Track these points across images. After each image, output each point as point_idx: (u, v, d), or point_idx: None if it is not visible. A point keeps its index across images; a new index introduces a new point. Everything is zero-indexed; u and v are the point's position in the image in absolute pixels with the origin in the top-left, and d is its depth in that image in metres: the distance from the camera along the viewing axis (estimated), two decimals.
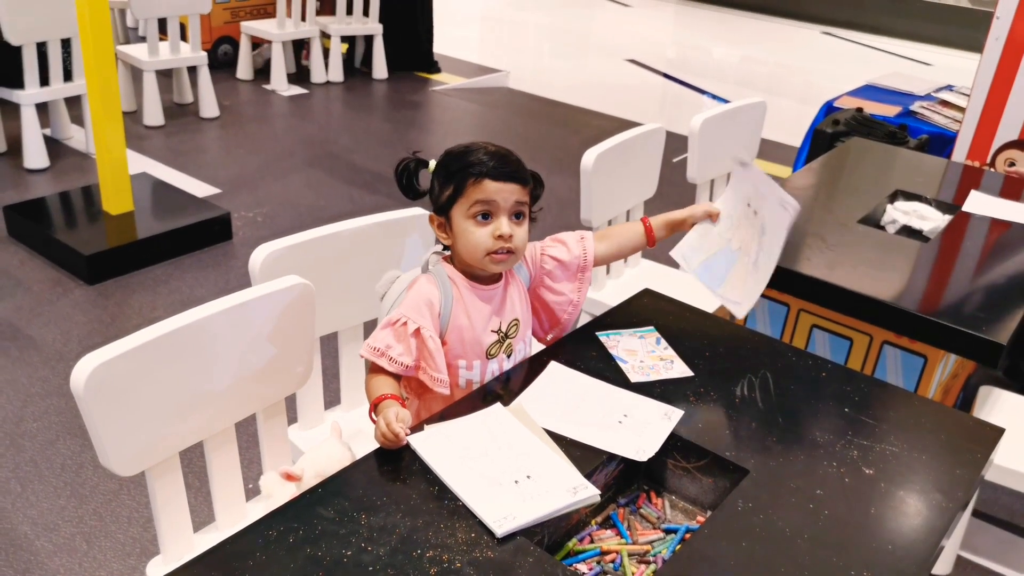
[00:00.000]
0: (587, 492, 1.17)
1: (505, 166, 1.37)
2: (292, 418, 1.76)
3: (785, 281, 1.97)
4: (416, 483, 1.18)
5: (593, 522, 1.28)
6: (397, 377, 1.38)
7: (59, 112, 4.35)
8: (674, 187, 3.67)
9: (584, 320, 1.63)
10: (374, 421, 1.28)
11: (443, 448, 1.23)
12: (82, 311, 2.90)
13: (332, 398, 1.87)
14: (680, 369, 1.50)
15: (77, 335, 2.75)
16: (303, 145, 4.69)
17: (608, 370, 1.48)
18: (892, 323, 1.85)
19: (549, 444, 1.27)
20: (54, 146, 4.27)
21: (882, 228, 2.32)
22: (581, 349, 1.54)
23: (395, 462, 1.22)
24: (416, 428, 1.27)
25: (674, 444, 1.32)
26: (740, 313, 1.51)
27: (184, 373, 1.34)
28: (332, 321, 1.73)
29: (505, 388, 1.42)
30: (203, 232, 3.40)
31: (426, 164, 1.44)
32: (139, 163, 4.16)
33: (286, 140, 4.76)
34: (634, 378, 1.46)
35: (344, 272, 1.68)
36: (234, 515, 1.51)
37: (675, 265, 1.61)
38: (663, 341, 1.57)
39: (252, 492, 1.53)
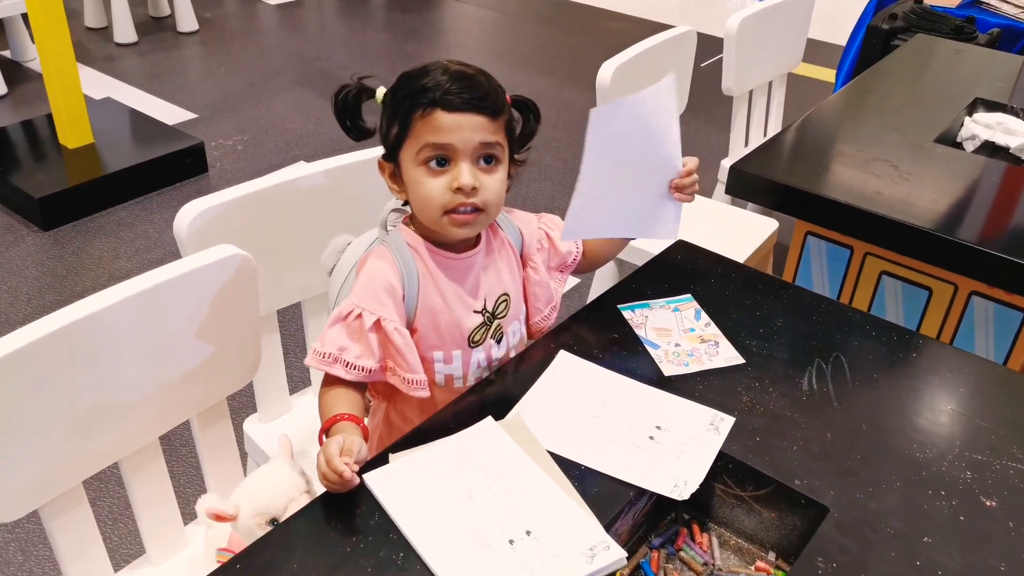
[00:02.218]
0: (609, 556, 0.85)
1: (465, 90, 0.99)
2: (252, 407, 1.46)
3: (847, 219, 1.60)
4: (374, 547, 0.86)
5: (619, 574, 0.97)
6: (361, 385, 1.06)
7: (18, 31, 3.93)
8: (706, 100, 3.25)
9: (602, 287, 1.29)
10: None
11: (412, 491, 0.91)
12: (34, 262, 2.57)
13: (301, 377, 1.55)
14: (727, 354, 1.16)
15: (27, 292, 2.43)
16: (292, 62, 4.26)
17: (634, 359, 1.14)
18: (982, 271, 1.49)
19: (557, 478, 0.94)
20: (14, 69, 3.88)
21: (959, 146, 1.93)
22: (599, 330, 1.19)
23: (347, 513, 0.90)
24: (378, 459, 0.95)
25: (723, 465, 1.00)
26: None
27: (80, 383, 1.02)
28: (294, 290, 1.41)
29: (501, 387, 1.08)
30: (174, 165, 3.02)
31: (373, 93, 1.08)
32: (108, 87, 3.77)
33: (273, 56, 4.33)
34: (668, 370, 1.12)
35: (305, 230, 1.34)
36: (170, 545, 1.22)
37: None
38: (703, 314, 1.23)
39: (193, 513, 1.21)
